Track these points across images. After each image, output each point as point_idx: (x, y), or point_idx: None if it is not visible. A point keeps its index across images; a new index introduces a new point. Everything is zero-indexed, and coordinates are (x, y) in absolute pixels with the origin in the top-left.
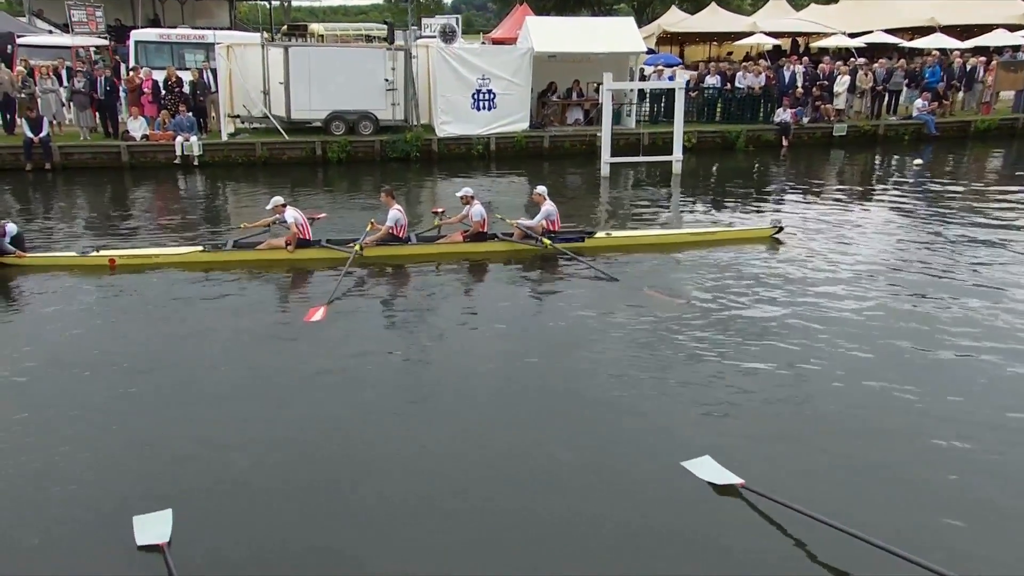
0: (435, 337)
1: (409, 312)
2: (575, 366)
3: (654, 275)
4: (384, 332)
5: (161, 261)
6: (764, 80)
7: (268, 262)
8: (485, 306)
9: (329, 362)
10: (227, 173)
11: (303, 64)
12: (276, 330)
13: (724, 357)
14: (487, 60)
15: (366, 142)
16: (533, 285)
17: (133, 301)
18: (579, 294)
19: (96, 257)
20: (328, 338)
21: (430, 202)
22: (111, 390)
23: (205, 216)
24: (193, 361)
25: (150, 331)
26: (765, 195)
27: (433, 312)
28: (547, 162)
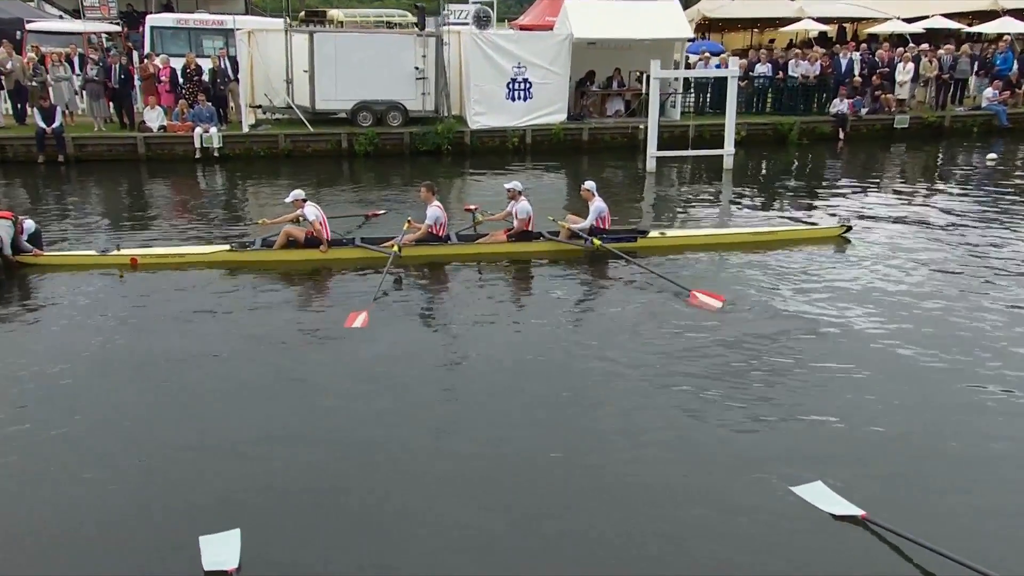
0: (484, 347)
1: (452, 318)
2: (645, 381)
3: (714, 278)
4: (427, 341)
5: (186, 260)
6: (819, 68)
7: (300, 262)
8: (536, 313)
9: (372, 371)
10: (248, 167)
11: (329, 51)
12: (316, 336)
13: (811, 371)
14: (523, 47)
15: (394, 134)
16: (584, 289)
17: (160, 303)
18: (635, 300)
19: (117, 256)
20: (369, 345)
21: (462, 199)
22: (152, 398)
23: (227, 212)
24: (232, 369)
25: (181, 336)
26: (824, 192)
27: (479, 319)
28: (586, 156)
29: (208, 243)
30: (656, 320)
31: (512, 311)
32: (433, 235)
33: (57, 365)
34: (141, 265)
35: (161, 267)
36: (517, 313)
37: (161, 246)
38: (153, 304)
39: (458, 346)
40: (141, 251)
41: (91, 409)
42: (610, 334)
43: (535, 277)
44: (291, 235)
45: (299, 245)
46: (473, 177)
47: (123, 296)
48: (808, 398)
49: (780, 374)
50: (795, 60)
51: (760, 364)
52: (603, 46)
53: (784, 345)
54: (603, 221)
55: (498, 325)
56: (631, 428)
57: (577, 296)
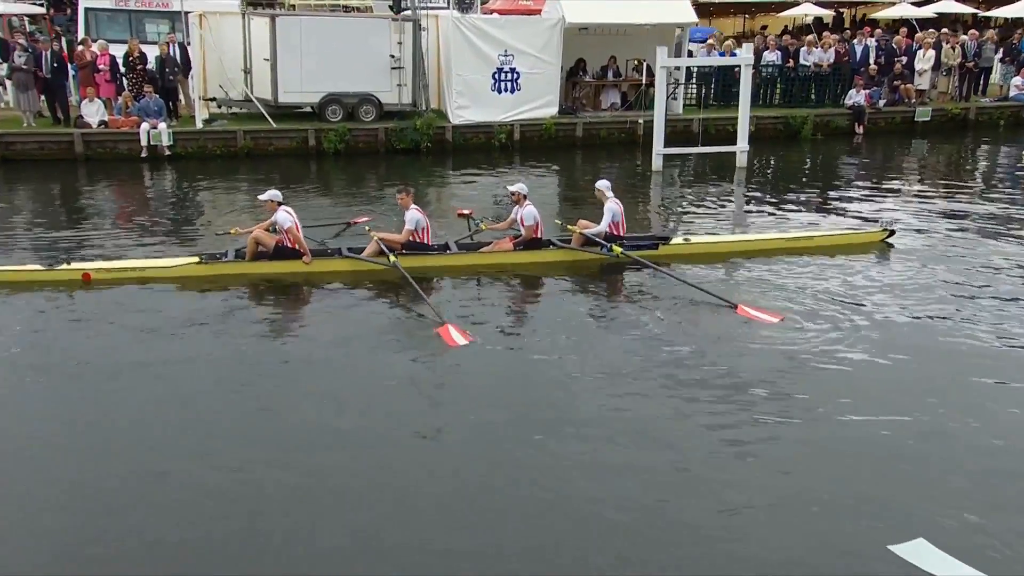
0: (503, 375)
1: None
2: (700, 414)
3: (754, 290)
4: (432, 370)
5: (148, 275)
6: (834, 56)
7: (280, 276)
8: (557, 333)
9: (374, 397)
10: (203, 167)
11: (293, 37)
12: (309, 362)
13: (883, 402)
14: (510, 33)
15: (368, 130)
16: (610, 305)
17: (119, 325)
18: (669, 316)
19: (67, 271)
20: (364, 369)
21: (445, 202)
22: (118, 448)
23: (186, 219)
24: (212, 402)
25: (146, 364)
26: (848, 192)
27: (491, 340)
28: (580, 153)
29: (168, 254)
30: (698, 340)
31: (528, 331)
32: (416, 243)
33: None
34: (96, 281)
35: (119, 283)
36: (535, 334)
37: (117, 259)
38: (110, 326)
39: (470, 375)
40: (95, 265)
41: (38, 459)
42: (648, 357)
43: (550, 291)
44: (260, 242)
45: (270, 255)
46: (456, 178)
47: (75, 317)
48: (886, 435)
49: (849, 406)
50: (807, 47)
51: (824, 394)
52: (596, 32)
53: (849, 372)
54: (617, 226)
55: (516, 349)
56: (690, 475)
57: (603, 312)
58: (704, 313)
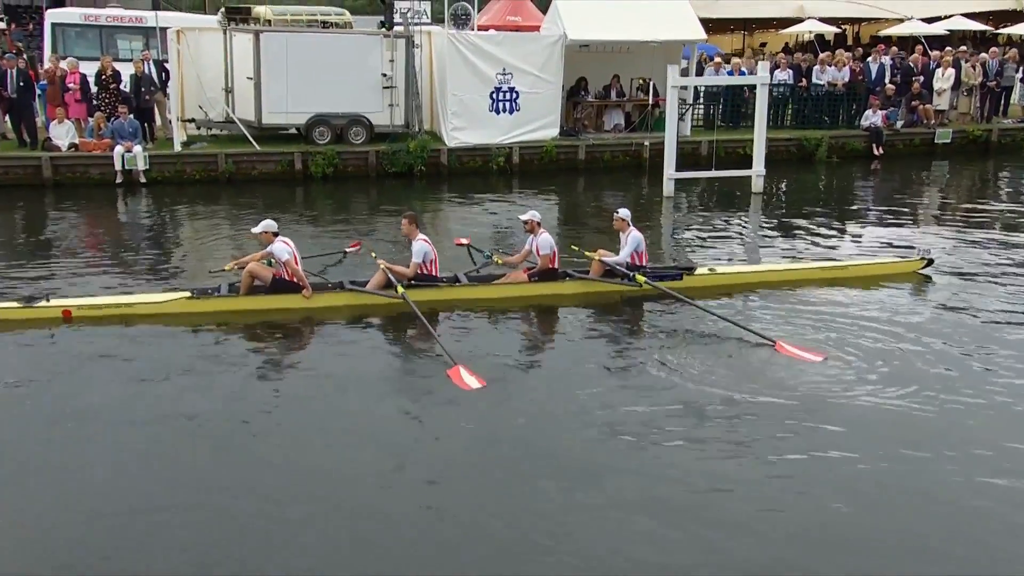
0: (527, 419)
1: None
2: (734, 463)
3: (784, 322)
4: (449, 414)
5: (135, 312)
6: (849, 74)
7: (278, 312)
8: (579, 373)
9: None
10: (181, 193)
11: (278, 55)
12: (314, 411)
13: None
14: (509, 50)
15: (358, 153)
16: (637, 341)
17: (103, 366)
18: (698, 352)
19: (46, 308)
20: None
21: (442, 230)
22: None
23: (165, 249)
24: (206, 450)
25: (131, 411)
26: (873, 218)
27: (514, 380)
28: (583, 177)
29: (154, 289)
30: (736, 381)
31: (548, 372)
32: (424, 275)
33: None
34: (77, 319)
35: (103, 320)
36: (556, 375)
37: (99, 294)
38: (93, 368)
39: (484, 423)
40: (76, 301)
41: None
42: (682, 401)
43: (569, 326)
44: (256, 276)
45: (267, 289)
46: (452, 204)
47: (54, 359)
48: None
49: (908, 458)
50: (820, 66)
51: (875, 443)
52: (598, 49)
53: (904, 419)
54: (640, 256)
55: (534, 392)
56: (731, 532)
57: (629, 349)
58: (740, 350)
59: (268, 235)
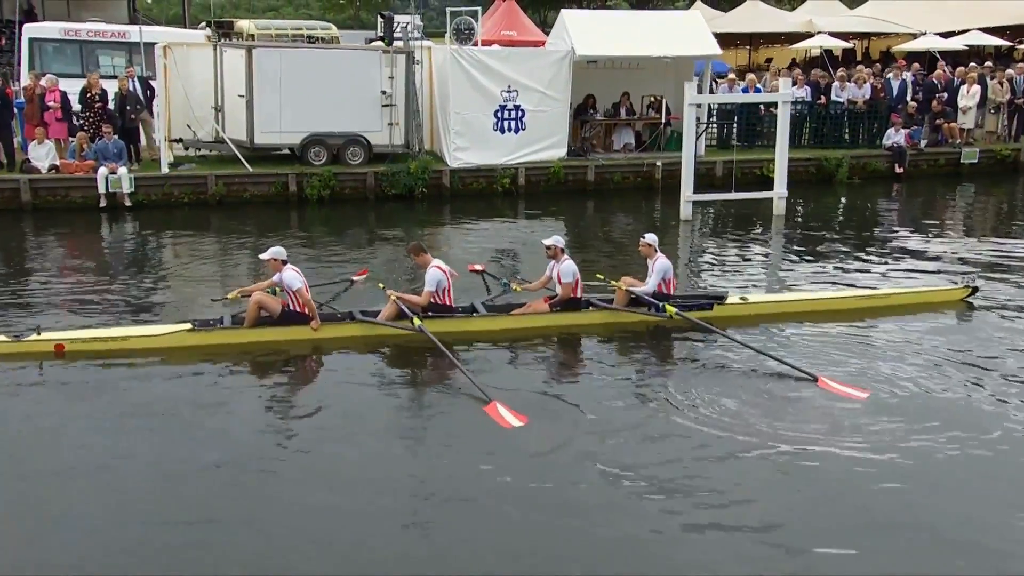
0: (578, 458)
1: None
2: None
3: (823, 355)
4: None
5: (132, 345)
6: (869, 91)
7: (285, 344)
8: (619, 409)
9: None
10: (169, 217)
11: (272, 71)
12: (343, 452)
13: None
14: (515, 66)
15: (356, 174)
16: (667, 373)
17: (98, 404)
18: (736, 387)
19: (36, 342)
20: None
21: (444, 255)
22: None
23: (157, 278)
24: (210, 501)
25: (129, 452)
26: (902, 242)
27: (546, 418)
28: (592, 200)
29: (149, 320)
30: (779, 418)
31: (585, 409)
32: (438, 305)
33: None
34: (70, 353)
35: (97, 355)
36: (594, 413)
37: (93, 327)
38: (87, 406)
39: (534, 463)
40: (69, 335)
41: None
42: (729, 443)
43: (597, 359)
44: (264, 306)
45: (275, 320)
46: (455, 228)
47: (46, 396)
48: None
49: (965, 514)
50: (839, 83)
51: (929, 492)
52: (606, 66)
53: (960, 465)
54: (668, 284)
55: (576, 430)
56: None
57: (664, 384)
58: (779, 386)
59: (277, 262)
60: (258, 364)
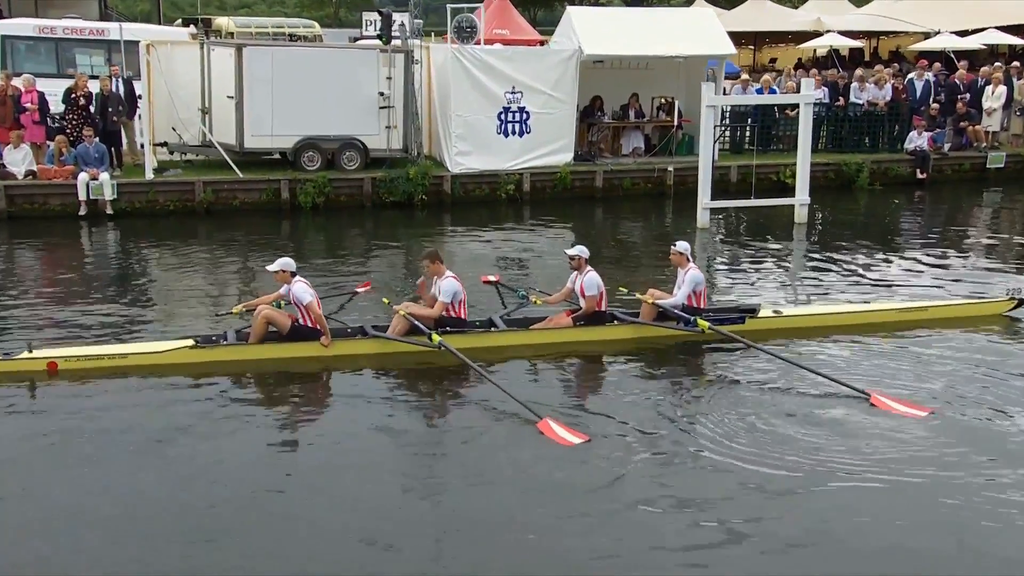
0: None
1: (524, 440)
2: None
3: (868, 371)
4: None
5: (130, 363)
6: (891, 93)
7: (294, 362)
8: (669, 428)
9: None
10: (153, 225)
11: (263, 72)
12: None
13: None
14: (519, 67)
15: (352, 180)
16: (710, 392)
17: (93, 427)
18: (785, 407)
19: (28, 360)
20: None
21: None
22: None
23: (149, 291)
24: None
25: (128, 479)
26: (931, 251)
27: (602, 436)
28: (601, 207)
29: (146, 336)
30: (838, 438)
31: (634, 428)
32: (452, 318)
33: None
34: (64, 371)
35: (93, 373)
36: (646, 431)
37: (88, 343)
38: (81, 429)
39: (610, 482)
40: (63, 352)
41: None
42: (786, 466)
43: (630, 376)
44: (272, 321)
45: (283, 336)
46: (457, 237)
47: (37, 418)
48: None
49: None
50: (859, 83)
51: None
52: (613, 65)
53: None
54: (699, 296)
55: (636, 449)
56: None
57: (714, 404)
58: (829, 404)
59: (285, 274)
60: (267, 384)
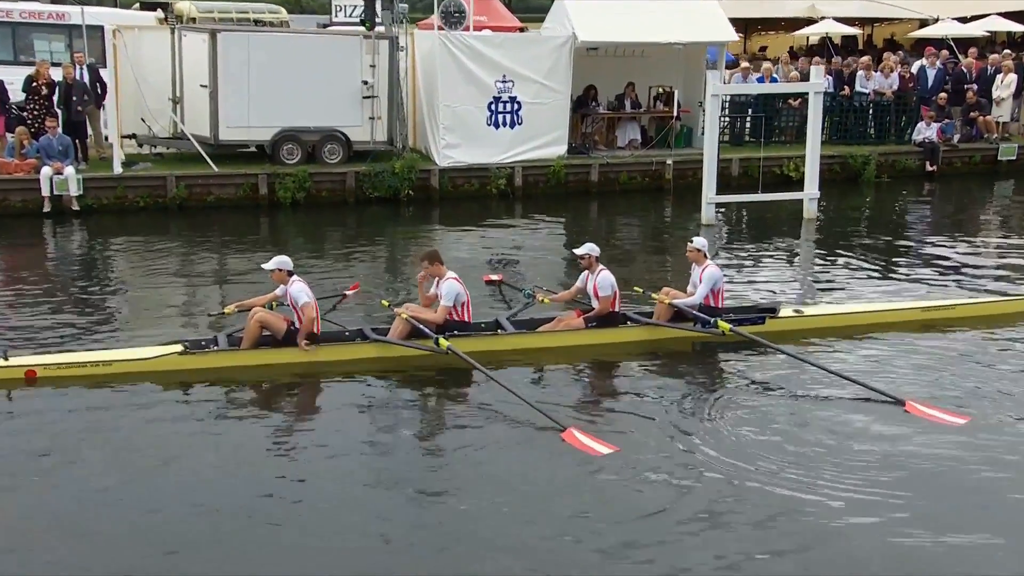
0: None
1: (542, 450)
2: None
3: (899, 375)
4: None
5: (114, 371)
6: (898, 82)
7: (290, 367)
8: (698, 435)
9: None
10: (122, 223)
11: (239, 59)
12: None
13: None
14: (510, 54)
15: (334, 175)
16: (737, 398)
17: (75, 439)
18: (817, 414)
19: (5, 368)
20: None
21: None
22: None
23: (117, 293)
24: None
25: (113, 496)
26: (947, 246)
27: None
28: (596, 202)
29: (128, 342)
30: (876, 449)
31: (662, 436)
32: (456, 322)
33: None
34: (43, 380)
35: (74, 381)
36: (674, 439)
37: (68, 350)
38: (61, 442)
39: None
40: (41, 359)
41: None
42: (827, 478)
43: (649, 379)
44: (266, 325)
45: (278, 341)
46: (445, 234)
47: (13, 430)
48: None
49: None
50: (865, 71)
51: None
52: (607, 53)
53: None
54: (717, 295)
55: (667, 459)
56: None
57: (741, 410)
58: (861, 411)
59: (282, 273)
60: (262, 391)
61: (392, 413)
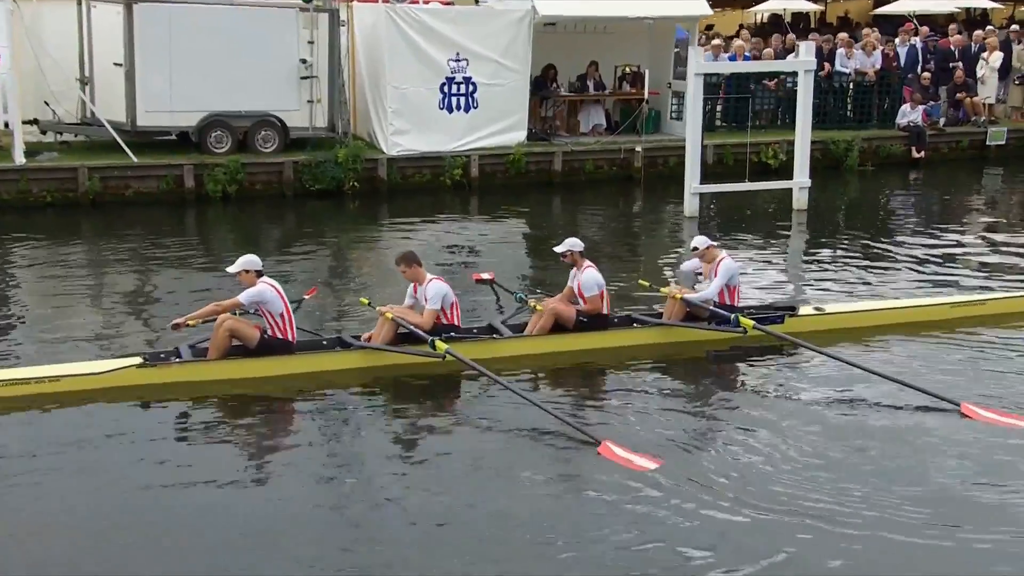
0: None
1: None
2: None
3: (941, 376)
4: None
5: (66, 387)
6: (880, 60)
7: (263, 381)
8: (740, 446)
9: None
10: (27, 221)
11: (159, 34)
12: None
13: None
14: (464, 30)
15: (269, 165)
16: (776, 404)
17: (21, 464)
18: (865, 419)
19: None
20: None
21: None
22: None
23: (35, 303)
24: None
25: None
26: (949, 237)
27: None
28: (559, 194)
29: (77, 355)
30: (934, 459)
31: (697, 448)
32: (445, 325)
33: None
34: None
35: (20, 401)
36: (713, 451)
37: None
38: (11, 470)
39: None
40: None
41: None
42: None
43: (671, 384)
44: (236, 334)
45: (250, 351)
46: (394, 230)
47: None
48: None
49: None
50: (845, 49)
51: None
52: (567, 29)
53: None
54: (732, 292)
55: (713, 474)
56: None
57: (777, 422)
58: (916, 417)
59: (250, 275)
60: (231, 407)
61: (390, 432)
